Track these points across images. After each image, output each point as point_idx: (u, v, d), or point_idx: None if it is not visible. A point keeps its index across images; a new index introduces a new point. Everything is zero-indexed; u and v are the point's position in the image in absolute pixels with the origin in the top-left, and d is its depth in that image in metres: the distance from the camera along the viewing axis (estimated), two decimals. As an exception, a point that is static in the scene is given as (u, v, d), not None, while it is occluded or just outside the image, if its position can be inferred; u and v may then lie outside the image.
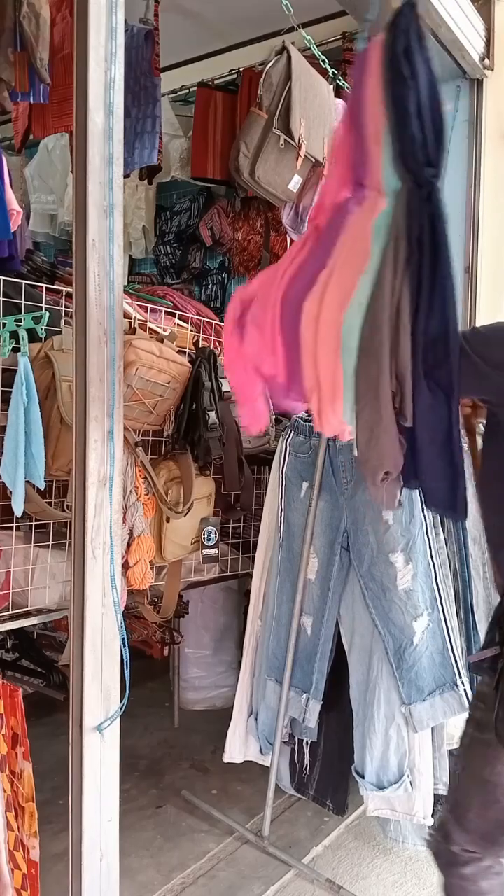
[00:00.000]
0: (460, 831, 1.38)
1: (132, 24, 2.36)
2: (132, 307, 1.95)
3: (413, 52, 1.04)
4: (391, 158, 1.12)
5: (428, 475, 1.16)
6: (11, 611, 1.68)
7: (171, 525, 1.93)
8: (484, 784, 1.32)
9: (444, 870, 1.43)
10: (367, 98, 1.13)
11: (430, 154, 1.11)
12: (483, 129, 3.21)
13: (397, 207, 1.16)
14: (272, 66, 2.07)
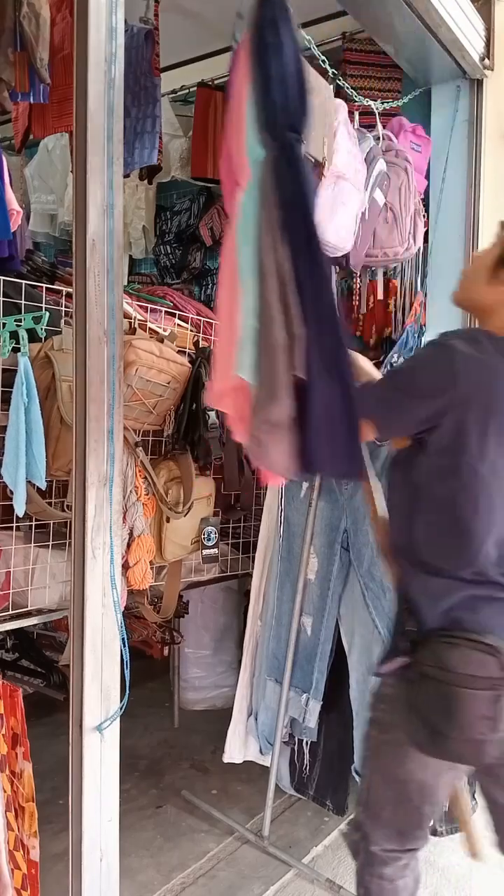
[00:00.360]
0: (377, 830, 1.39)
1: (132, 23, 2.36)
2: (132, 307, 1.95)
3: (278, 21, 1.11)
4: (255, 127, 1.19)
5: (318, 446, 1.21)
6: (11, 611, 1.68)
7: (171, 525, 1.93)
8: (396, 783, 1.34)
9: (363, 870, 1.43)
10: (240, 79, 1.22)
11: (293, 119, 1.16)
12: (483, 129, 3.21)
13: (264, 176, 1.23)
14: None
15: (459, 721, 1.17)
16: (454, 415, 1.22)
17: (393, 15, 2.71)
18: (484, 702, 1.16)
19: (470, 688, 1.17)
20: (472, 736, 1.18)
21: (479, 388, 1.22)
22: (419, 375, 1.28)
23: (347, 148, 2.41)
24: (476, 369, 1.22)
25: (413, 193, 2.77)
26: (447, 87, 3.25)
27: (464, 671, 1.17)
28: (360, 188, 2.50)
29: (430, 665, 1.21)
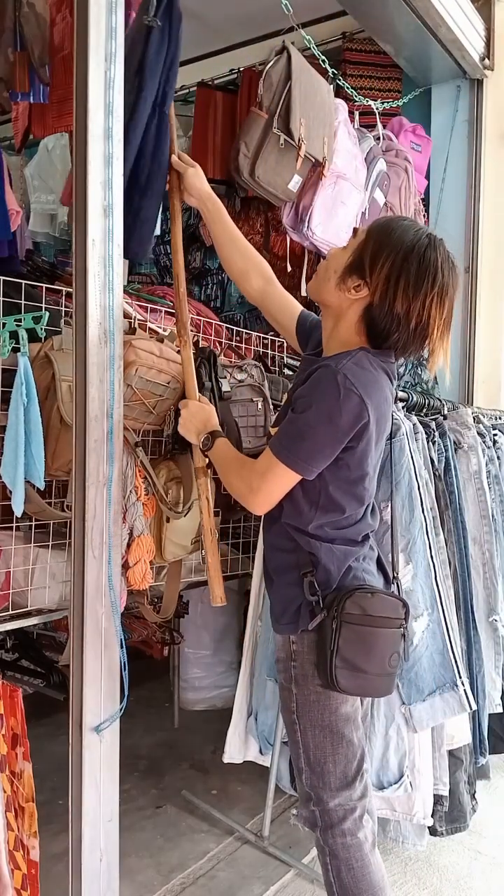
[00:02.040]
0: (327, 788, 1.50)
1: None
2: (132, 307, 1.95)
3: None
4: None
5: None
6: (11, 611, 1.67)
7: (171, 525, 1.92)
8: (328, 730, 1.49)
9: (324, 835, 1.51)
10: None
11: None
12: (483, 129, 3.21)
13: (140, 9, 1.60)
14: (272, 66, 2.07)
15: (379, 657, 1.44)
16: (365, 435, 1.42)
17: (393, 15, 2.71)
18: (395, 638, 1.46)
19: (387, 627, 1.45)
20: (386, 669, 1.45)
21: (378, 407, 1.41)
22: (337, 423, 1.39)
23: (348, 148, 2.41)
24: (374, 393, 1.40)
25: (413, 193, 2.77)
26: (447, 87, 3.25)
27: (382, 614, 1.44)
28: (360, 188, 2.50)
29: (354, 613, 1.43)
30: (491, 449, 2.56)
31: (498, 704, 2.47)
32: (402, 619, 1.48)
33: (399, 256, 1.40)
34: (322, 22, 3.33)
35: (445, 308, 1.41)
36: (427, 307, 1.39)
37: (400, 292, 1.39)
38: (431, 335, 1.43)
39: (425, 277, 1.38)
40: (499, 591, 2.45)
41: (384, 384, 1.46)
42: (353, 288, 1.43)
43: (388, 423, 1.54)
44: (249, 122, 2.05)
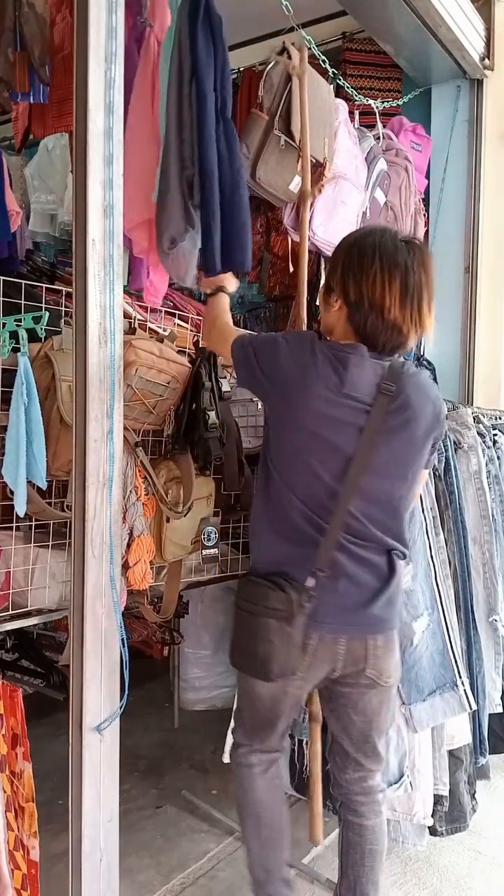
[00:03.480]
0: (240, 727, 1.72)
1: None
2: (132, 307, 1.95)
3: None
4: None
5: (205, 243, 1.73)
6: (11, 611, 1.67)
7: (171, 525, 1.92)
8: (247, 694, 1.66)
9: (238, 768, 1.72)
10: None
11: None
12: (483, 129, 3.21)
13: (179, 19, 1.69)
14: (272, 67, 2.07)
15: (251, 640, 1.49)
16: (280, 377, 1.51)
17: (393, 15, 2.72)
18: (268, 627, 1.46)
19: (259, 615, 1.48)
20: (259, 654, 1.48)
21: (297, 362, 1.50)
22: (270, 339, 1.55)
23: (348, 147, 2.41)
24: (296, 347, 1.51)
25: (413, 192, 2.77)
26: (447, 87, 3.25)
27: (256, 602, 1.49)
28: (360, 187, 2.50)
29: (240, 598, 1.55)
30: (491, 449, 2.56)
31: (498, 704, 2.48)
32: (279, 611, 1.46)
33: (343, 255, 1.53)
34: (322, 22, 3.33)
35: (396, 282, 1.45)
36: (373, 285, 1.45)
37: (351, 283, 1.48)
38: (389, 311, 1.46)
39: (364, 259, 1.47)
40: (499, 591, 2.45)
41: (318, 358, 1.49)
42: (333, 303, 1.54)
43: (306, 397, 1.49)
44: (250, 124, 2.05)
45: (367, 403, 1.48)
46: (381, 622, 1.54)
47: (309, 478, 1.50)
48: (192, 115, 1.72)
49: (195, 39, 1.70)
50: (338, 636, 1.51)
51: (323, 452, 1.48)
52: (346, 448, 1.48)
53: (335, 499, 1.48)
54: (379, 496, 1.51)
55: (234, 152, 1.81)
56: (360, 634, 1.52)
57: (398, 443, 1.50)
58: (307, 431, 1.49)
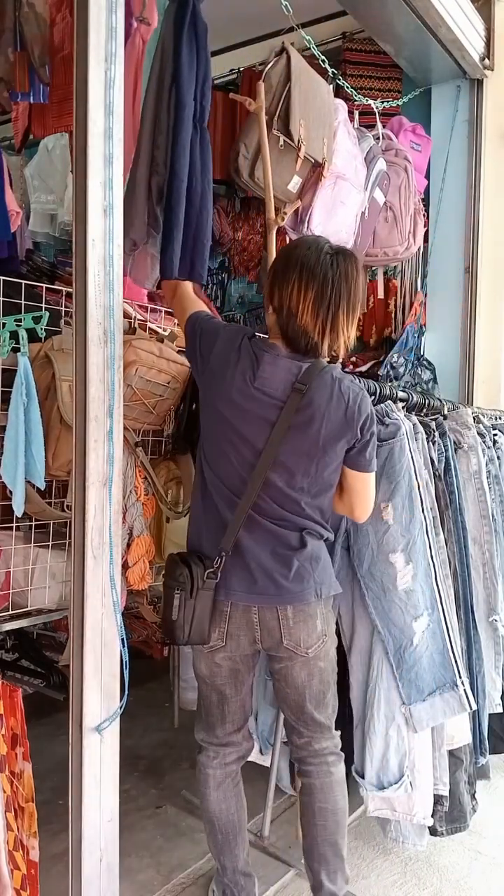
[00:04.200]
0: (198, 720, 1.81)
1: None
2: (132, 307, 1.95)
3: None
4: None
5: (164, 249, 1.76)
6: (11, 611, 1.68)
7: (171, 525, 1.93)
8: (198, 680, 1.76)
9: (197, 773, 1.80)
10: None
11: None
12: (483, 129, 3.21)
13: (165, 24, 1.70)
14: (272, 67, 2.07)
15: (164, 608, 1.60)
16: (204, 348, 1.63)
17: (393, 15, 2.71)
18: (171, 596, 1.56)
19: (167, 586, 1.58)
20: (167, 619, 1.58)
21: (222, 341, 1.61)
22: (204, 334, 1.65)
23: (347, 147, 2.41)
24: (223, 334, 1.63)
25: (413, 193, 2.77)
26: (447, 87, 3.25)
27: (168, 574, 1.61)
28: (360, 187, 2.50)
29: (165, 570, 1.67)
30: (491, 449, 2.56)
31: (498, 704, 2.47)
32: (180, 583, 1.57)
33: (274, 265, 1.65)
34: (322, 22, 3.33)
35: (311, 292, 1.54)
36: (290, 293, 1.55)
37: (276, 291, 1.59)
38: (301, 317, 1.55)
39: (287, 270, 1.57)
40: (499, 591, 2.45)
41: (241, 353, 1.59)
42: (268, 308, 1.65)
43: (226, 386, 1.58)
44: (249, 124, 2.05)
45: (279, 399, 1.56)
46: (290, 594, 1.61)
47: (225, 462, 1.61)
48: (170, 120, 1.74)
49: (179, 46, 1.71)
50: (249, 605, 1.62)
51: (235, 441, 1.58)
52: (255, 440, 1.57)
53: (245, 485, 1.59)
54: (286, 487, 1.60)
55: (207, 165, 1.82)
56: (269, 604, 1.62)
57: (301, 438, 1.58)
58: (223, 418, 1.59)
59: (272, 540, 1.63)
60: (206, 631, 1.61)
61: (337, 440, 1.60)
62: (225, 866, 1.82)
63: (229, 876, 1.82)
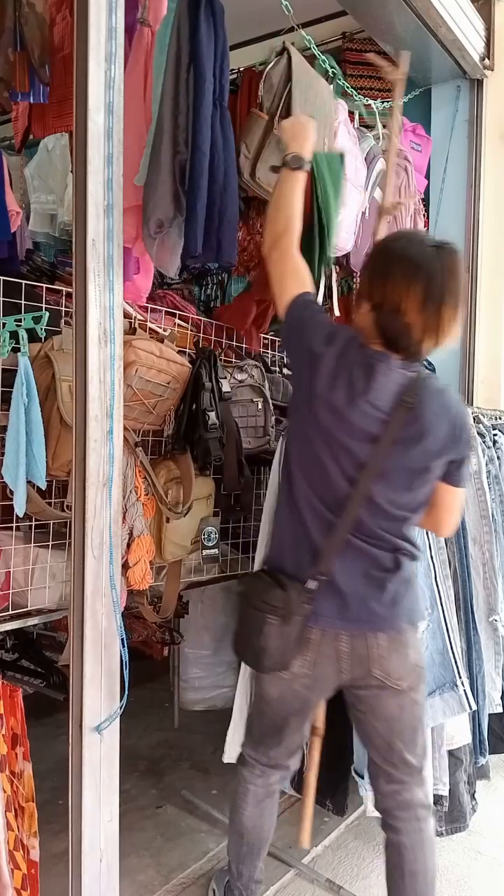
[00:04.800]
0: (248, 734, 1.78)
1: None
2: (132, 307, 1.95)
3: None
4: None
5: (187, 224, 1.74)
6: (11, 611, 1.68)
7: (171, 525, 1.92)
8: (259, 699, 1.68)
9: (237, 768, 1.78)
10: None
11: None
12: (483, 129, 3.21)
13: (178, 7, 1.71)
14: (272, 67, 2.07)
15: (247, 631, 1.53)
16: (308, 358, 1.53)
17: (393, 15, 2.71)
18: (262, 621, 1.48)
19: (255, 608, 1.50)
20: (253, 645, 1.51)
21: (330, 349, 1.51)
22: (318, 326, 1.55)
23: (348, 147, 2.41)
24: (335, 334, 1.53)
25: (413, 193, 2.77)
26: (447, 87, 3.25)
27: (255, 595, 1.52)
28: (360, 187, 2.50)
29: (241, 586, 1.58)
30: (491, 449, 2.56)
31: (498, 704, 2.48)
32: (276, 607, 1.48)
33: (371, 260, 1.55)
34: (322, 22, 3.33)
35: (418, 287, 1.43)
36: (393, 289, 1.45)
37: (376, 286, 1.49)
38: (406, 314, 1.45)
39: (389, 264, 1.48)
40: (499, 591, 2.45)
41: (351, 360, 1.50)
42: (362, 307, 1.53)
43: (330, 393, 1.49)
44: (250, 124, 2.05)
45: (385, 412, 1.48)
46: (383, 620, 1.52)
47: (321, 474, 1.51)
48: (189, 99, 1.74)
49: (197, 25, 1.71)
50: (338, 631, 1.52)
51: (337, 451, 1.49)
52: (358, 453, 1.48)
53: (345, 500, 1.49)
54: (386, 504, 1.51)
55: (229, 140, 1.83)
56: (360, 631, 1.52)
57: (407, 454, 1.49)
58: (324, 427, 1.50)
59: (366, 561, 1.52)
60: (290, 659, 1.52)
61: (440, 456, 1.52)
62: (241, 873, 1.79)
63: (244, 882, 1.79)
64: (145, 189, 1.76)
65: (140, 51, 1.86)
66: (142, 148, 1.81)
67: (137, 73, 1.84)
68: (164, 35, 1.78)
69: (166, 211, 1.76)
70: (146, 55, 1.87)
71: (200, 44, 1.72)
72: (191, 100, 1.73)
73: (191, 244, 1.75)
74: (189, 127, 1.74)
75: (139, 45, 1.87)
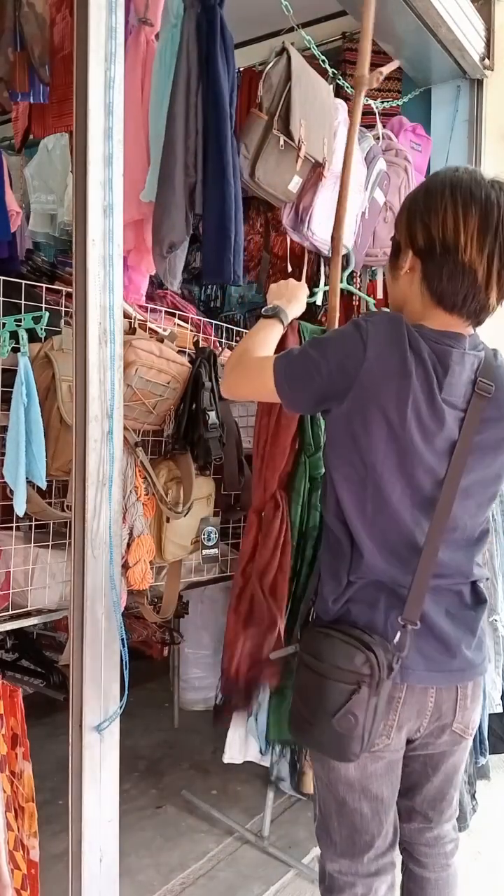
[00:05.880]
0: (329, 844, 1.36)
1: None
2: (132, 307, 1.95)
3: None
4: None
5: (205, 246, 1.83)
6: (11, 611, 1.67)
7: (171, 525, 1.92)
8: (327, 787, 1.32)
9: (322, 895, 1.40)
10: None
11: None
12: (483, 129, 3.21)
13: (186, 30, 1.75)
14: (272, 67, 2.07)
15: (322, 711, 1.18)
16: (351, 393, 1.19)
17: (393, 15, 2.71)
18: (347, 695, 1.17)
19: (335, 679, 1.17)
20: (335, 729, 1.18)
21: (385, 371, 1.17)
22: (325, 347, 1.23)
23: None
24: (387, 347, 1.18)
25: (413, 193, 2.77)
26: (447, 87, 3.25)
27: (331, 662, 1.18)
28: (360, 187, 2.50)
29: (305, 653, 1.24)
30: (491, 449, 2.55)
31: (498, 704, 2.47)
32: (362, 675, 1.17)
33: (409, 202, 1.25)
34: (322, 22, 3.33)
35: (474, 217, 1.14)
36: (443, 222, 1.16)
37: (419, 227, 1.19)
38: (465, 250, 1.15)
39: (434, 197, 1.18)
40: (499, 591, 2.45)
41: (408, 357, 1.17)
42: (402, 264, 1.25)
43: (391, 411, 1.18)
44: (249, 124, 2.05)
45: (460, 409, 1.19)
46: (473, 667, 1.28)
47: (387, 503, 1.21)
48: (198, 124, 1.79)
49: (213, 54, 1.76)
50: (427, 686, 1.25)
51: (412, 472, 1.20)
52: (437, 467, 1.20)
53: (422, 532, 1.21)
54: (466, 523, 1.25)
55: (237, 167, 1.88)
56: (449, 683, 1.27)
57: (487, 459, 1.23)
58: (392, 447, 1.19)
59: (447, 597, 1.26)
60: (377, 735, 1.22)
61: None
62: None
63: None
64: (157, 210, 1.80)
65: (137, 56, 1.87)
66: (141, 159, 1.82)
67: (135, 77, 1.85)
68: (165, 52, 1.80)
69: (180, 234, 1.82)
70: (143, 62, 1.87)
71: (219, 75, 1.77)
72: (201, 125, 1.79)
73: (225, 271, 1.82)
74: (198, 152, 1.80)
75: (135, 50, 1.87)
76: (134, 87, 1.84)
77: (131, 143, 1.81)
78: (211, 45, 1.77)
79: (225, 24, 1.80)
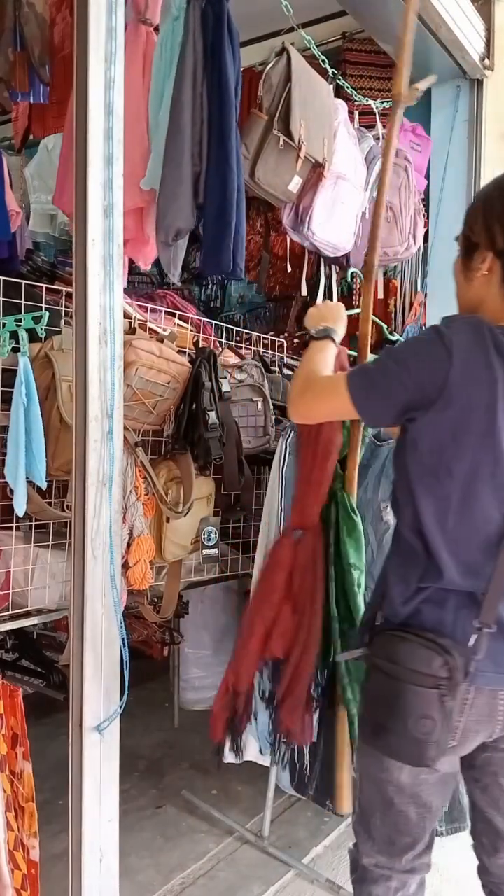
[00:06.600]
0: (367, 840, 1.36)
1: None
2: (132, 307, 1.95)
3: None
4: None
5: (204, 234, 1.83)
6: (11, 611, 1.68)
7: (171, 525, 1.93)
8: (376, 787, 1.32)
9: (356, 884, 1.41)
10: None
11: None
12: (483, 129, 3.21)
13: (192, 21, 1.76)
14: (272, 68, 2.07)
15: (399, 715, 1.17)
16: (439, 403, 1.17)
17: (393, 15, 2.70)
18: (425, 699, 1.16)
19: (413, 683, 1.16)
20: (412, 734, 1.17)
21: (468, 374, 1.16)
22: (407, 357, 1.22)
23: (348, 148, 2.41)
24: (470, 354, 1.17)
25: (413, 193, 2.77)
26: (447, 87, 3.25)
27: (408, 666, 1.17)
28: (360, 188, 2.50)
29: (379, 657, 1.22)
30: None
31: None
32: (441, 679, 1.16)
33: (481, 202, 1.26)
34: (322, 22, 3.33)
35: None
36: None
37: (498, 227, 1.20)
38: None
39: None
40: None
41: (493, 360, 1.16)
42: (479, 265, 1.25)
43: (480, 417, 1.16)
44: (249, 124, 2.05)
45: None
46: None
47: (477, 513, 1.19)
48: (204, 114, 1.80)
49: (221, 48, 1.77)
50: (497, 688, 1.22)
51: (500, 478, 1.17)
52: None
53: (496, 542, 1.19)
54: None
55: (240, 161, 1.88)
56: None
57: None
58: (480, 459, 1.17)
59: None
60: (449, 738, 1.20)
61: None
62: None
63: None
64: (162, 198, 1.80)
65: (137, 48, 1.87)
66: (141, 148, 1.82)
67: (135, 72, 1.85)
68: (166, 43, 1.80)
69: (188, 221, 1.82)
70: (143, 53, 1.87)
71: (227, 71, 1.78)
72: (206, 116, 1.80)
73: (224, 261, 1.82)
74: (203, 142, 1.81)
75: (135, 40, 1.87)
76: (135, 76, 1.84)
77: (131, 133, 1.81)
78: (217, 36, 1.78)
79: (231, 17, 1.80)
